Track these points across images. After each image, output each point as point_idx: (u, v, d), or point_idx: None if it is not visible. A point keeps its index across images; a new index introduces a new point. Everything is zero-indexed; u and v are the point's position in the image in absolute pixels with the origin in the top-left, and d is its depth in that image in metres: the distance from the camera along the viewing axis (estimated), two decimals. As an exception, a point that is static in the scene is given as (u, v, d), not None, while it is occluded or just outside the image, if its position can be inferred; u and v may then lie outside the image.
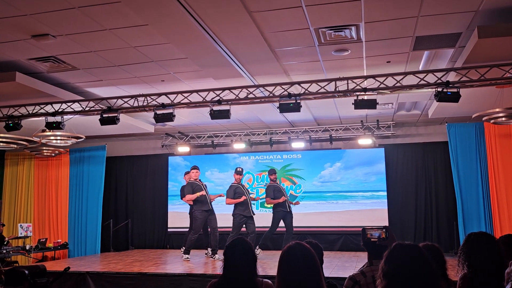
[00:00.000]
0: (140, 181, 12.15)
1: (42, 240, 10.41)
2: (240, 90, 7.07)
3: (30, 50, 6.12)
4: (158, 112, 7.26)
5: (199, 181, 8.81)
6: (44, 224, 11.69)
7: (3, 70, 6.75)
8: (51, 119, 7.55)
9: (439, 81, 6.27)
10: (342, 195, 10.85)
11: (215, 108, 7.10)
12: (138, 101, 7.47)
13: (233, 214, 8.61)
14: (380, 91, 6.53)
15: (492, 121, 7.57)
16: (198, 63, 6.51)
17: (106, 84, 7.73)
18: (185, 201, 9.29)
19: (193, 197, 8.50)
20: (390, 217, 10.35)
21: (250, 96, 7.07)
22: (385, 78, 6.50)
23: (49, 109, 7.66)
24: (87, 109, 7.69)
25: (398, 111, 9.81)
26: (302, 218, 10.64)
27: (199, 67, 6.72)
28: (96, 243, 11.04)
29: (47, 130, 7.82)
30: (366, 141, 10.50)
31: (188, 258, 8.46)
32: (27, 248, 9.68)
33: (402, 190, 10.60)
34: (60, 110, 7.60)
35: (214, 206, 8.83)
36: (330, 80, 6.72)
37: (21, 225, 10.47)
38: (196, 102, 7.23)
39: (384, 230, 2.73)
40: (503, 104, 7.25)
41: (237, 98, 7.06)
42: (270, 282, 2.74)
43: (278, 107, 6.93)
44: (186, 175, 9.50)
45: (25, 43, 5.88)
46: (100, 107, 7.65)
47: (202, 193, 8.51)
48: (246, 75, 7.08)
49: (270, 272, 6.35)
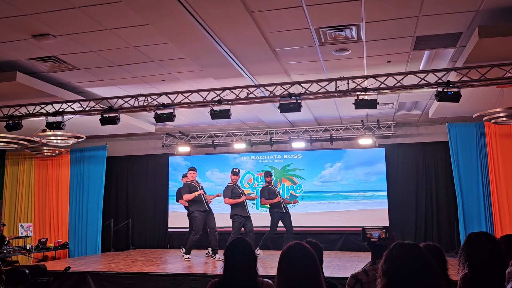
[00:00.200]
0: (140, 181, 12.16)
1: (42, 240, 10.40)
2: (240, 90, 7.07)
3: (30, 50, 6.12)
4: (159, 112, 7.27)
5: (196, 182, 8.81)
6: (44, 224, 11.70)
7: (4, 70, 6.76)
8: (52, 119, 7.56)
9: (440, 81, 6.27)
10: (343, 195, 10.85)
11: (216, 108, 7.10)
12: (138, 101, 7.47)
13: (231, 216, 8.59)
14: (380, 91, 6.53)
15: (492, 121, 7.56)
16: (198, 63, 6.51)
17: (106, 84, 7.73)
18: (181, 203, 9.30)
19: (190, 196, 8.49)
20: (391, 217, 10.35)
21: (251, 96, 7.07)
22: (385, 78, 6.49)
23: (49, 109, 7.67)
24: (88, 109, 7.69)
25: (399, 111, 9.81)
26: (303, 218, 10.66)
27: (200, 67, 6.72)
28: (96, 243, 11.05)
29: (48, 130, 7.83)
30: (366, 141, 10.50)
31: (189, 258, 8.47)
32: (28, 248, 9.69)
33: (403, 190, 10.60)
34: (60, 110, 7.61)
35: (213, 206, 8.83)
36: (331, 80, 6.72)
37: (21, 225, 10.47)
38: (196, 102, 7.24)
39: (384, 230, 2.73)
40: (504, 104, 7.25)
41: (237, 98, 7.07)
42: (270, 282, 2.74)
43: (278, 107, 6.93)
44: (184, 178, 9.50)
45: (25, 43, 5.89)
46: (100, 107, 7.66)
47: (200, 192, 8.51)
48: (247, 75, 7.08)
49: (270, 272, 6.35)
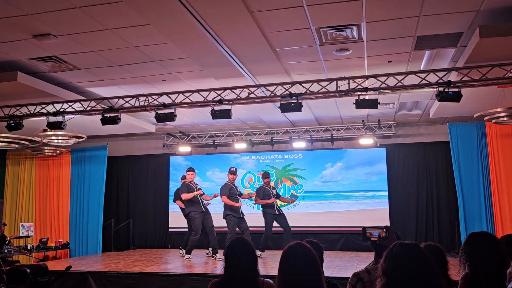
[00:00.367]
0: (141, 181, 12.16)
1: (43, 239, 10.41)
2: (241, 89, 7.07)
3: (31, 50, 6.13)
4: (159, 112, 7.27)
5: (194, 183, 8.82)
6: (45, 223, 11.71)
7: (5, 70, 6.76)
8: (53, 119, 7.57)
9: (441, 80, 6.27)
10: (343, 195, 10.84)
11: (216, 108, 7.11)
12: (139, 100, 7.48)
13: (225, 216, 8.58)
14: (381, 91, 6.53)
15: (493, 121, 7.56)
16: (199, 63, 6.51)
17: (107, 84, 7.73)
18: (177, 203, 9.31)
19: (189, 196, 8.51)
20: (391, 217, 10.33)
21: (251, 96, 7.07)
22: (386, 77, 6.49)
23: (50, 108, 7.68)
24: (89, 109, 7.70)
25: (400, 111, 9.80)
26: (303, 218, 10.66)
27: (200, 67, 6.72)
28: (97, 243, 11.05)
29: (49, 130, 7.84)
30: (367, 141, 10.49)
31: (189, 258, 8.48)
32: (29, 247, 9.69)
33: (404, 190, 10.59)
34: (61, 110, 7.61)
35: (213, 206, 8.85)
36: (331, 79, 6.72)
37: (22, 224, 10.49)
38: (197, 102, 7.24)
39: (384, 230, 2.72)
40: (505, 103, 7.24)
41: (238, 97, 7.07)
42: (271, 281, 2.74)
43: (279, 107, 6.93)
44: (183, 179, 9.50)
45: (26, 43, 5.89)
46: (101, 107, 7.66)
47: (198, 192, 8.54)
48: (247, 75, 7.08)
49: (271, 271, 6.35)
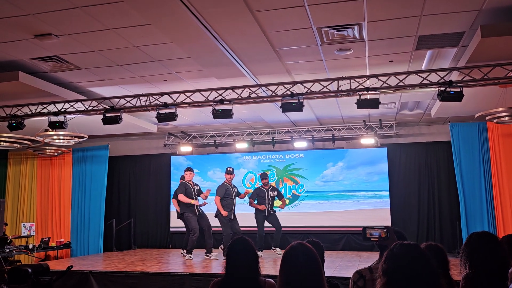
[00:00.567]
0: (142, 180, 12.17)
1: (45, 239, 10.43)
2: (242, 89, 7.06)
3: (33, 49, 6.14)
4: (161, 111, 7.27)
5: (192, 183, 8.83)
6: (47, 223, 11.73)
7: (6, 70, 6.77)
8: (54, 119, 7.58)
9: (442, 80, 6.26)
10: (345, 195, 10.84)
11: (218, 107, 7.10)
12: (140, 100, 7.48)
13: (217, 215, 8.69)
14: (382, 91, 6.52)
15: (495, 120, 7.54)
16: (200, 63, 6.51)
17: (108, 83, 7.74)
18: (173, 202, 9.33)
19: (186, 200, 8.56)
20: (393, 216, 10.32)
21: (253, 95, 7.07)
22: (387, 77, 6.48)
23: (52, 108, 7.69)
24: (90, 108, 7.71)
25: (401, 111, 9.79)
26: (305, 218, 10.66)
27: (202, 67, 6.72)
28: (98, 243, 11.06)
29: (50, 130, 7.85)
30: (368, 140, 10.48)
31: (191, 257, 8.49)
32: (30, 247, 9.71)
33: (405, 190, 10.57)
34: (63, 110, 7.62)
35: (211, 206, 8.88)
36: (333, 79, 6.72)
37: (24, 224, 10.51)
38: (198, 102, 7.24)
39: (384, 230, 2.72)
40: (506, 103, 7.23)
41: (239, 97, 7.07)
42: (273, 281, 2.74)
43: (280, 107, 6.93)
44: (182, 179, 9.52)
45: (28, 43, 5.90)
46: (102, 107, 7.67)
47: (195, 202, 8.62)
48: (249, 75, 7.07)
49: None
